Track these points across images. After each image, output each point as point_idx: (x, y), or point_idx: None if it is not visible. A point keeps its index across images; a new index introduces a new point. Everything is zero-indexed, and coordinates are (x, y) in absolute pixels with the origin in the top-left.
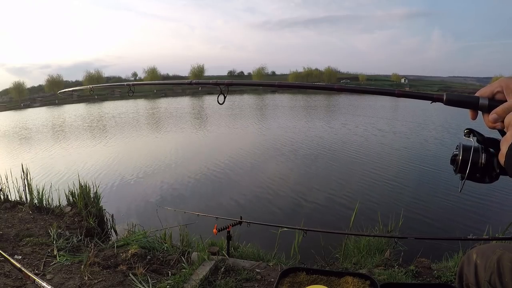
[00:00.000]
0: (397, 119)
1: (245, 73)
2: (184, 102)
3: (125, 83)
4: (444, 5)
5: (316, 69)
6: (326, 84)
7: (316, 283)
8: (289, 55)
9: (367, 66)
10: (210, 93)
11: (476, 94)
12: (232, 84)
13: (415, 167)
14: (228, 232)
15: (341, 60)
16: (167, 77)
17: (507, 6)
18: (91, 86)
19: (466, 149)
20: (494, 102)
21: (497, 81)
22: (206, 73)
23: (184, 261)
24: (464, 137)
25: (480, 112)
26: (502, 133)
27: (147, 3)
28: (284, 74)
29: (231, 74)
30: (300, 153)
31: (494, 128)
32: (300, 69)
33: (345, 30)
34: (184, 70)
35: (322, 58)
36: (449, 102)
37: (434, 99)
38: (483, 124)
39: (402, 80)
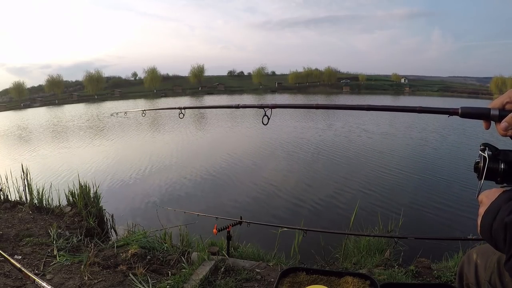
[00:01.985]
0: (397, 120)
1: (245, 73)
2: (182, 102)
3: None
4: (444, 5)
5: (316, 69)
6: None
7: (316, 283)
8: (289, 55)
9: (367, 66)
10: (210, 93)
11: (488, 106)
12: (276, 107)
13: (415, 167)
14: (228, 232)
15: (341, 60)
16: (167, 77)
17: (507, 7)
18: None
19: (484, 157)
20: (504, 112)
21: (506, 93)
22: (206, 73)
23: (184, 261)
24: (480, 152)
25: (493, 122)
26: None
27: (147, 3)
28: (284, 74)
29: (231, 74)
30: (301, 153)
31: (505, 135)
32: (300, 69)
33: (346, 30)
34: (184, 70)
35: (322, 58)
36: (465, 115)
37: (450, 113)
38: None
39: (402, 80)
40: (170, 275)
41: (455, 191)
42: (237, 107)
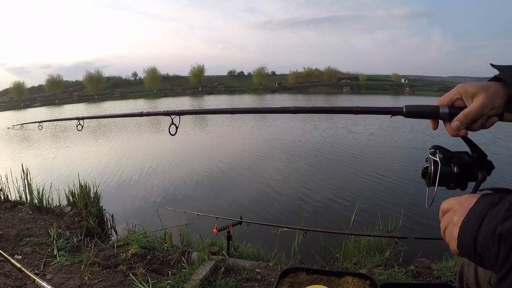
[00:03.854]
0: (396, 119)
1: (245, 73)
2: (181, 102)
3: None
4: (444, 5)
5: (316, 69)
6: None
7: (316, 283)
8: (289, 55)
9: (367, 66)
10: (210, 93)
11: (436, 103)
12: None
13: (415, 167)
14: (228, 232)
15: (342, 60)
16: (167, 77)
17: (507, 7)
18: None
19: (436, 161)
20: (454, 109)
21: (455, 88)
22: (206, 73)
23: (184, 261)
24: (430, 155)
25: (441, 121)
26: (466, 140)
27: (147, 3)
28: (284, 74)
29: (231, 74)
30: (301, 154)
31: (457, 135)
32: (300, 69)
33: (346, 30)
34: (184, 70)
35: (322, 58)
36: (410, 114)
37: (393, 112)
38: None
39: (402, 80)
40: (170, 275)
41: (455, 191)
42: (141, 115)
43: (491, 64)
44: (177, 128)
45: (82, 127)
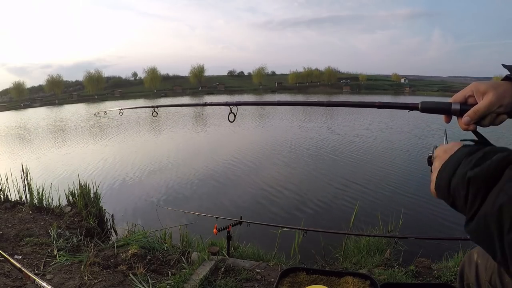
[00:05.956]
0: (395, 119)
1: (245, 73)
2: (181, 102)
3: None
4: (444, 6)
5: (316, 69)
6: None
7: (316, 283)
8: (289, 55)
9: (368, 66)
10: (210, 93)
11: (450, 100)
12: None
13: (415, 167)
14: (228, 232)
15: (342, 60)
16: (167, 77)
17: (507, 7)
18: None
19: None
20: (465, 106)
21: (469, 86)
22: (206, 73)
23: (184, 261)
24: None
25: (454, 116)
26: (476, 134)
27: (147, 3)
28: (284, 74)
29: (231, 74)
30: (301, 153)
31: (467, 130)
32: (300, 69)
33: (347, 30)
34: (184, 70)
35: (322, 58)
36: (425, 110)
37: (410, 107)
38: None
39: (402, 80)
40: (170, 275)
41: None
42: (205, 105)
43: (502, 65)
44: (235, 116)
45: (157, 113)
